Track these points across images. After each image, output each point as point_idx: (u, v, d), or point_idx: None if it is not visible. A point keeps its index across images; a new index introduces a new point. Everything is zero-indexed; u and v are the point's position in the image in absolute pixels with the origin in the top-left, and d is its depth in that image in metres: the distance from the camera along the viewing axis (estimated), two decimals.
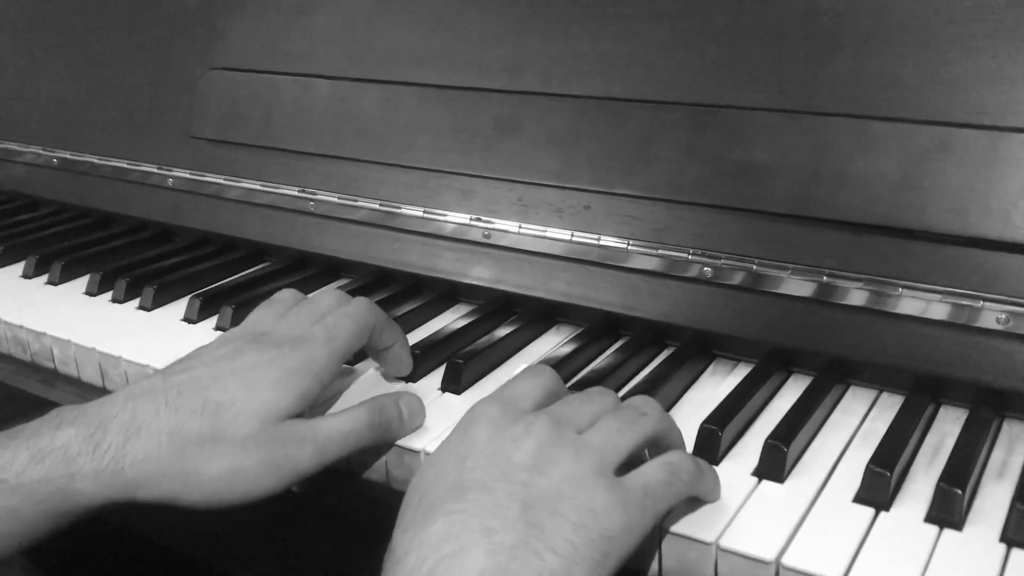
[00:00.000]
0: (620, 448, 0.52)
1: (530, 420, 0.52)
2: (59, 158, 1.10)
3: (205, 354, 0.62)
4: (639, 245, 0.73)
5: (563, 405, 0.55)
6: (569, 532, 0.47)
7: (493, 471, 0.49)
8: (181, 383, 0.58)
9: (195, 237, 1.00)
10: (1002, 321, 0.61)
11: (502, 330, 0.77)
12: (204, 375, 0.59)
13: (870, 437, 0.62)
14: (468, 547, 0.45)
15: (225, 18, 0.96)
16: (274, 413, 0.57)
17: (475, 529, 0.46)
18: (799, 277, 0.67)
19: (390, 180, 0.86)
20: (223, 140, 0.96)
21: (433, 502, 0.49)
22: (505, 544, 0.46)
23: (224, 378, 0.58)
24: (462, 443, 0.52)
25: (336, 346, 0.62)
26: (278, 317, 0.66)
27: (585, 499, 0.48)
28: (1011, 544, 0.51)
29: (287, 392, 0.58)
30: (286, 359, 0.60)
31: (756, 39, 0.69)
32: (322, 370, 0.61)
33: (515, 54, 0.79)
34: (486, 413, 0.53)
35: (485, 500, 0.48)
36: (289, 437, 0.57)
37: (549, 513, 0.47)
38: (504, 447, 0.51)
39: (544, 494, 0.48)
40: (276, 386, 0.58)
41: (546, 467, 0.49)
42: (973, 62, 0.63)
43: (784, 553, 0.51)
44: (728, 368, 0.72)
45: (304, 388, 0.59)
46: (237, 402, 0.57)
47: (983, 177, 0.62)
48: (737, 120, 0.69)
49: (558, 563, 0.46)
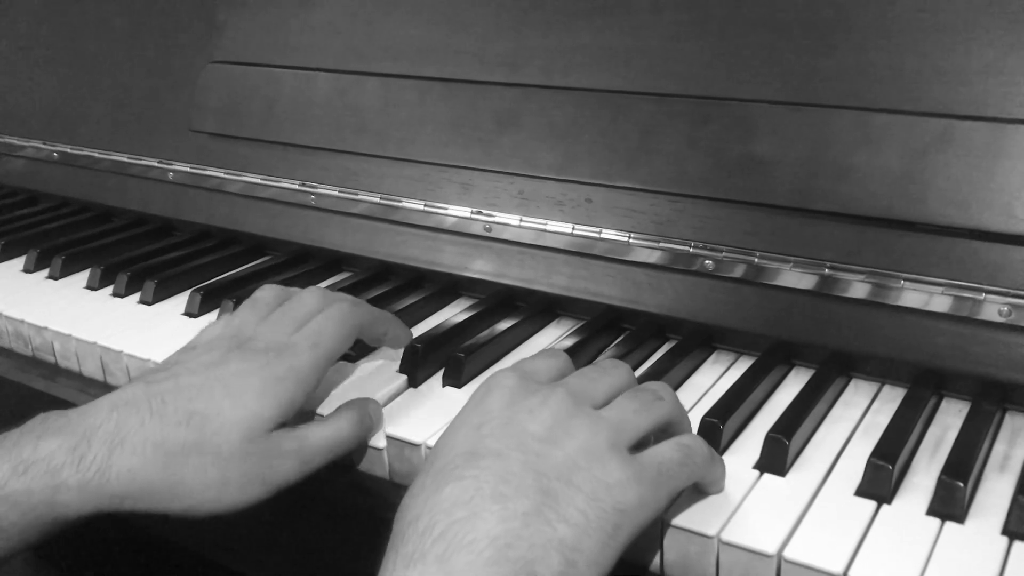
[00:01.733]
0: (636, 427, 0.52)
1: (547, 392, 0.53)
2: (59, 152, 1.10)
3: (190, 360, 0.61)
4: (640, 238, 0.73)
5: (579, 377, 0.55)
6: (582, 503, 0.47)
7: (508, 440, 0.50)
8: (165, 392, 0.58)
9: (196, 231, 1.00)
10: (1004, 313, 0.61)
11: (503, 324, 0.77)
12: (189, 384, 0.58)
13: (872, 430, 0.62)
14: (480, 512, 0.46)
15: (225, 11, 0.96)
16: (259, 424, 0.57)
17: (488, 495, 0.46)
18: (801, 270, 0.67)
19: (391, 174, 0.85)
20: (223, 134, 0.96)
21: (446, 467, 0.49)
22: (518, 511, 0.46)
23: (209, 387, 0.58)
24: (477, 411, 0.52)
25: (320, 353, 0.62)
26: (261, 319, 0.65)
27: (599, 471, 0.48)
28: (1013, 537, 0.51)
29: (272, 402, 0.58)
30: (271, 367, 0.59)
31: (757, 31, 0.69)
32: (307, 378, 0.61)
33: (516, 47, 0.79)
34: (503, 383, 0.54)
35: (499, 467, 0.48)
36: (274, 450, 0.57)
37: (563, 483, 0.48)
38: (520, 417, 0.51)
39: (558, 464, 0.48)
40: (261, 396, 0.58)
41: (561, 438, 0.50)
42: (975, 53, 0.62)
43: (786, 546, 0.51)
44: (730, 361, 0.72)
45: (288, 397, 0.59)
46: (222, 413, 0.57)
47: (985, 169, 0.61)
48: (738, 112, 0.69)
49: (569, 533, 0.46)
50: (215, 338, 0.64)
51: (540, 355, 0.59)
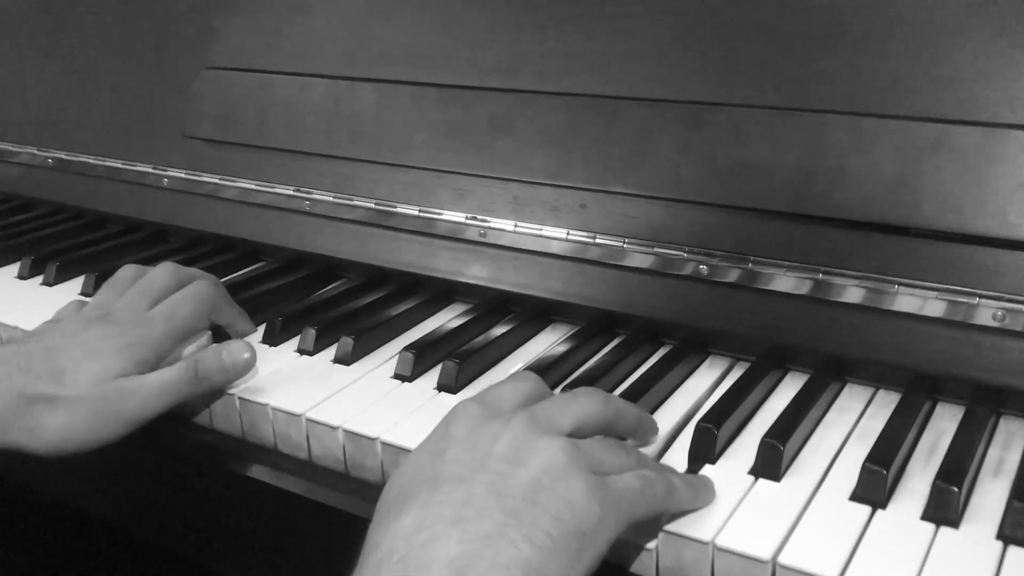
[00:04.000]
0: (600, 456, 0.52)
1: (509, 416, 0.52)
2: (54, 158, 1.10)
3: (56, 329, 0.70)
4: (635, 243, 0.73)
5: (544, 405, 0.55)
6: (547, 524, 0.46)
7: (471, 464, 0.49)
8: (32, 351, 0.66)
9: (190, 237, 1.00)
10: (998, 318, 0.61)
11: (498, 329, 0.77)
12: (53, 346, 0.67)
13: (866, 435, 0.62)
14: (440, 536, 0.45)
15: (220, 17, 0.96)
16: (109, 375, 0.65)
17: (448, 519, 0.46)
18: (795, 275, 0.67)
19: (385, 179, 0.85)
20: (218, 140, 0.96)
21: (409, 494, 0.49)
22: (479, 533, 0.45)
23: (70, 348, 0.66)
24: (441, 439, 0.52)
25: (175, 325, 0.71)
26: (119, 296, 0.73)
27: (564, 491, 0.48)
28: (1008, 542, 0.51)
29: (123, 362, 0.66)
30: (126, 334, 0.68)
31: (751, 37, 0.69)
32: (160, 344, 0.69)
33: (510, 53, 0.79)
34: (466, 411, 0.54)
35: (460, 491, 0.48)
36: (115, 392, 0.65)
37: (528, 504, 0.47)
38: (483, 440, 0.51)
39: (522, 484, 0.48)
40: (114, 356, 0.66)
41: (525, 458, 0.49)
42: (968, 58, 0.62)
43: (781, 552, 0.51)
44: (724, 366, 0.72)
45: (140, 357, 0.67)
46: (78, 368, 0.65)
47: (979, 174, 0.62)
48: (732, 118, 0.69)
49: (534, 554, 0.45)
50: (79, 312, 0.73)
51: (508, 380, 0.58)
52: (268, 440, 0.68)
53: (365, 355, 0.75)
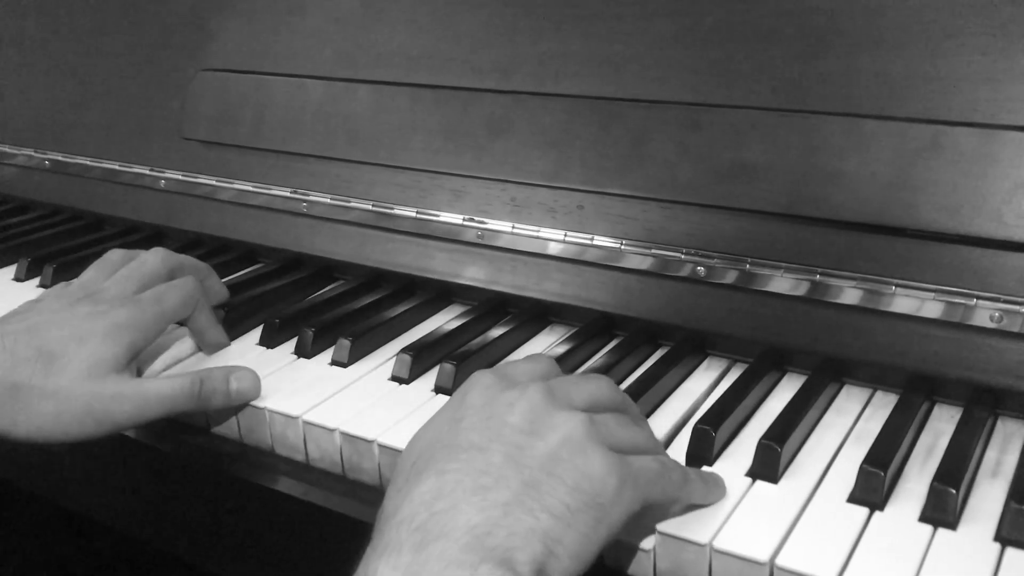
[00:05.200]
0: (615, 431, 0.52)
1: (524, 386, 0.53)
2: (51, 160, 1.10)
3: (41, 307, 0.67)
4: (632, 245, 0.73)
5: (559, 380, 0.55)
6: (564, 495, 0.47)
7: (488, 432, 0.49)
8: (17, 331, 0.64)
9: (187, 239, 1.00)
10: (995, 319, 0.61)
11: (496, 331, 0.77)
12: (39, 324, 0.64)
13: (864, 436, 0.62)
14: (460, 504, 0.46)
15: (216, 19, 0.96)
16: (102, 365, 0.63)
17: (468, 487, 0.46)
18: (792, 276, 0.67)
19: (382, 181, 0.85)
20: (215, 141, 0.96)
21: (428, 462, 0.49)
22: (498, 501, 0.46)
23: (58, 328, 0.64)
24: (458, 408, 0.52)
25: (162, 309, 0.69)
26: (107, 277, 0.71)
27: (581, 463, 0.48)
28: (1005, 543, 0.51)
29: (115, 344, 0.64)
30: (116, 313, 0.65)
31: (748, 38, 0.69)
32: (148, 327, 0.67)
33: (507, 54, 0.79)
34: (482, 380, 0.54)
35: (479, 460, 0.48)
36: (111, 393, 0.62)
37: (545, 474, 0.47)
38: (499, 410, 0.51)
39: (540, 455, 0.48)
40: (105, 339, 0.64)
41: (542, 430, 0.50)
42: (964, 60, 0.62)
43: (778, 554, 0.51)
44: (722, 367, 0.72)
45: (130, 341, 0.65)
46: (68, 352, 0.62)
47: (975, 175, 0.62)
48: (729, 119, 0.69)
49: (552, 524, 0.46)
50: (66, 291, 0.70)
51: (525, 359, 0.59)
52: (265, 443, 0.68)
53: (362, 357, 0.75)
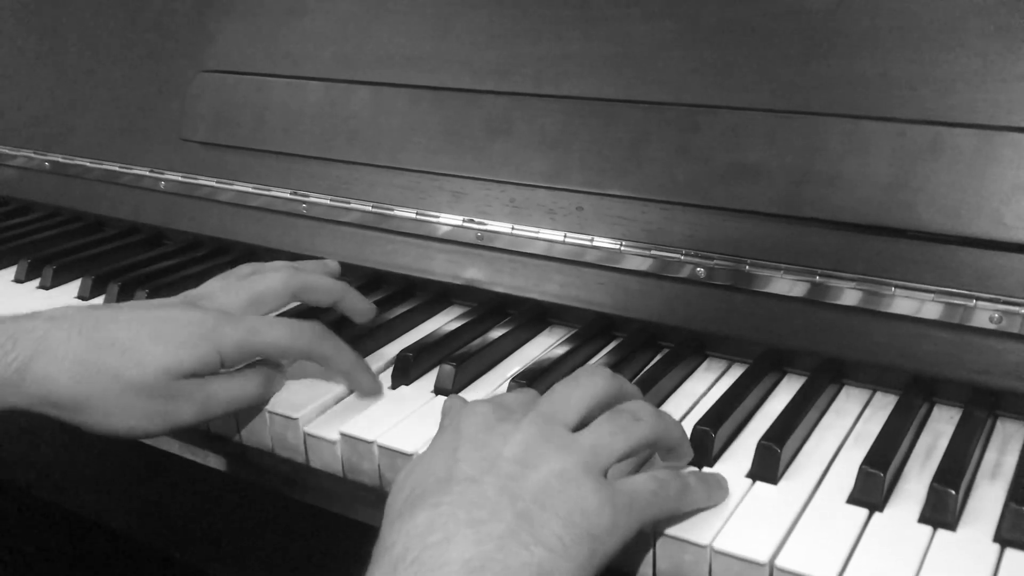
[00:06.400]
0: (612, 450, 0.52)
1: (519, 416, 0.53)
2: (51, 161, 1.10)
3: (140, 303, 0.68)
4: (632, 246, 0.73)
5: (551, 399, 0.55)
6: (558, 527, 0.47)
7: (482, 464, 0.50)
8: (100, 317, 0.63)
9: (187, 240, 1.00)
10: (995, 320, 0.61)
11: (495, 332, 0.77)
12: (123, 317, 0.64)
13: (864, 437, 0.62)
14: (454, 537, 0.46)
15: (216, 20, 0.96)
16: (173, 368, 0.62)
17: (462, 520, 0.46)
18: (792, 277, 0.67)
19: (382, 182, 0.85)
20: (215, 143, 0.96)
21: (422, 495, 0.49)
22: (492, 534, 0.46)
23: (139, 324, 0.63)
24: (452, 438, 0.52)
25: (254, 340, 0.65)
26: (223, 287, 0.71)
27: (575, 495, 0.48)
28: (1005, 544, 0.51)
29: (190, 354, 0.62)
30: (203, 325, 0.64)
31: (747, 39, 0.69)
32: (229, 350, 0.64)
33: (506, 55, 0.79)
34: (476, 409, 0.54)
35: (473, 492, 0.48)
36: (179, 393, 0.62)
37: (539, 507, 0.47)
38: (494, 441, 0.51)
39: (533, 487, 0.48)
40: (182, 346, 0.62)
41: (535, 461, 0.50)
42: (963, 61, 0.62)
43: (778, 555, 0.51)
44: (721, 368, 0.72)
45: (206, 355, 0.63)
46: (143, 348, 0.61)
47: (974, 176, 0.62)
48: (728, 120, 0.69)
49: (547, 557, 0.46)
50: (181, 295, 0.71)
51: (511, 391, 0.59)
52: (265, 444, 0.68)
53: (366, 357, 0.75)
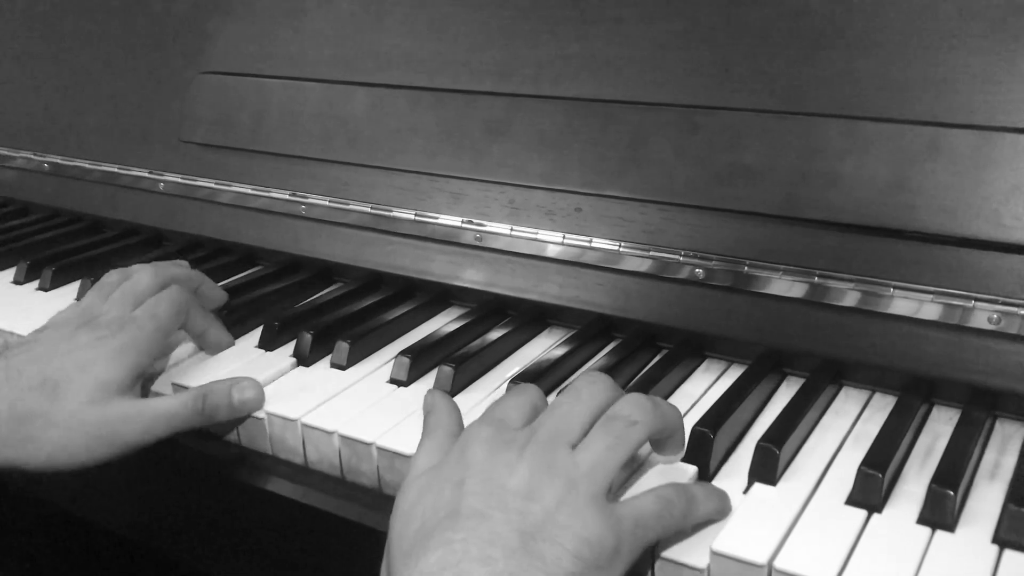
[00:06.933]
0: (610, 467, 0.52)
1: (521, 444, 0.53)
2: (50, 163, 1.10)
3: (44, 337, 0.69)
4: (631, 247, 0.73)
5: (551, 419, 0.55)
6: (567, 563, 0.47)
7: (489, 499, 0.50)
8: (21, 362, 0.66)
9: (186, 241, 1.00)
10: (994, 321, 0.61)
11: (494, 333, 0.77)
12: (43, 354, 0.66)
13: (862, 438, 0.62)
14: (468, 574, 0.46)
15: (215, 22, 0.96)
16: (106, 389, 0.64)
17: (475, 558, 0.47)
18: (790, 278, 0.67)
19: (381, 183, 0.85)
20: (214, 144, 0.96)
21: (432, 530, 0.49)
22: (505, 573, 0.46)
23: (61, 356, 0.66)
24: (458, 466, 0.52)
25: (158, 324, 0.70)
26: (105, 299, 0.73)
27: (580, 527, 0.49)
28: (1003, 545, 0.51)
29: (119, 368, 0.65)
30: (115, 338, 0.67)
31: (745, 40, 0.69)
32: (147, 347, 0.68)
33: (505, 56, 0.79)
34: (480, 435, 0.54)
35: (483, 529, 0.48)
36: (118, 416, 0.64)
37: (548, 543, 0.48)
38: (499, 472, 0.51)
39: (540, 522, 0.49)
40: (108, 364, 0.65)
41: (540, 494, 0.50)
42: (962, 62, 0.62)
43: (776, 556, 0.51)
44: (720, 369, 0.72)
45: (133, 362, 0.67)
46: (72, 380, 0.64)
47: (973, 177, 0.62)
48: (727, 121, 0.69)
49: None
50: (66, 318, 0.72)
51: (510, 394, 0.58)
52: (264, 445, 0.68)
53: (361, 359, 0.75)
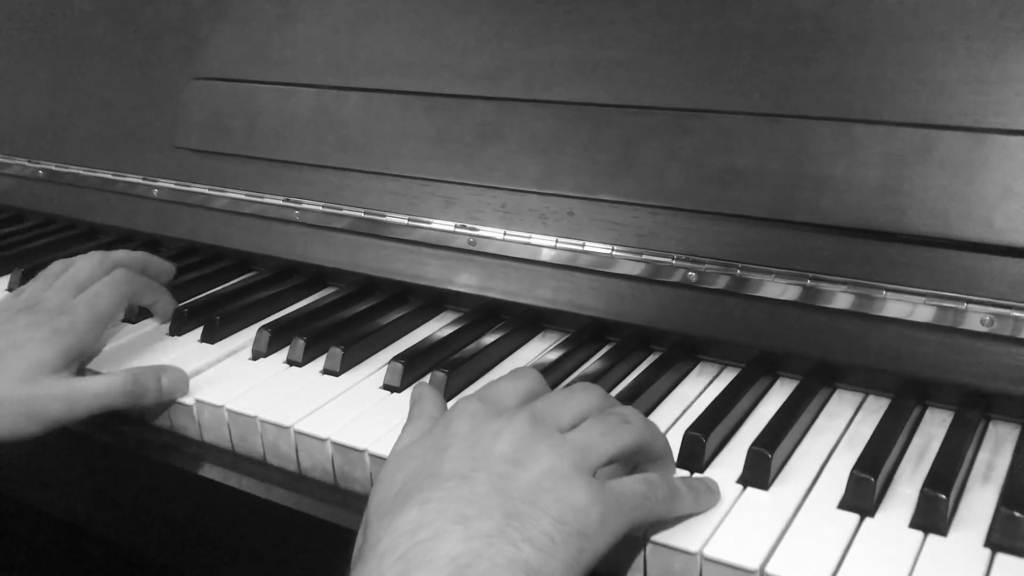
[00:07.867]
0: (601, 450, 0.52)
1: (510, 415, 0.53)
2: (44, 170, 1.10)
3: None
4: (623, 251, 0.73)
5: (545, 402, 0.55)
6: (548, 525, 0.47)
7: (473, 462, 0.50)
8: None
9: (181, 247, 1.00)
10: (986, 323, 0.61)
11: (488, 337, 0.77)
12: None
13: (856, 441, 0.61)
14: (442, 533, 0.45)
15: (208, 28, 0.96)
16: (37, 368, 0.67)
17: (451, 516, 0.46)
18: (783, 281, 0.67)
19: (374, 188, 0.85)
20: (207, 150, 0.96)
21: (411, 491, 0.49)
22: (481, 531, 0.46)
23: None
24: (443, 436, 0.52)
25: (97, 311, 0.73)
26: (47, 287, 0.76)
27: (564, 493, 0.48)
28: (996, 549, 0.51)
29: (51, 349, 0.68)
30: (52, 323, 0.70)
31: (737, 43, 0.69)
32: (85, 331, 0.72)
33: (497, 61, 0.79)
34: (467, 409, 0.54)
35: (463, 489, 0.48)
36: (44, 392, 0.67)
37: (529, 505, 0.47)
38: (484, 439, 0.51)
39: (524, 486, 0.48)
40: (42, 346, 0.68)
41: (526, 460, 0.50)
42: (953, 64, 0.62)
43: (768, 561, 0.51)
44: (714, 372, 0.72)
45: (67, 345, 0.69)
46: (5, 358, 0.67)
47: (965, 179, 0.61)
48: (719, 124, 0.69)
49: (535, 555, 0.45)
50: (9, 304, 0.75)
51: (508, 376, 0.59)
52: (257, 452, 0.68)
53: (354, 365, 0.75)
